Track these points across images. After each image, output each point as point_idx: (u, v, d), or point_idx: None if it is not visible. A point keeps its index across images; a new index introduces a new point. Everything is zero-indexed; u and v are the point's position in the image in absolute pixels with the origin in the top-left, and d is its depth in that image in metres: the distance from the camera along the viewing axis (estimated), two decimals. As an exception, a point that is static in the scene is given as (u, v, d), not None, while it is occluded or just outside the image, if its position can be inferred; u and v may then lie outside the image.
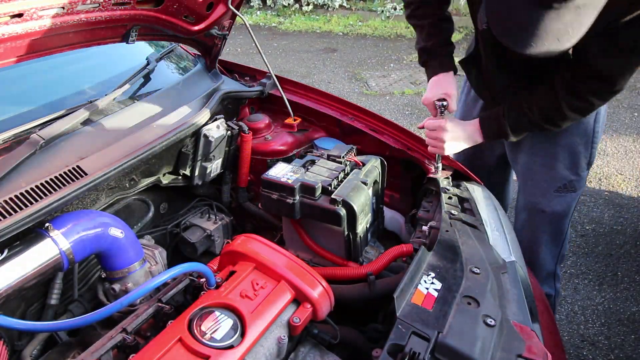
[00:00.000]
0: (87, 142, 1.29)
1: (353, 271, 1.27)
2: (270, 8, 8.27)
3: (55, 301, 1.21)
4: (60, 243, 1.04)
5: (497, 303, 1.03)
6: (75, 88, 1.53)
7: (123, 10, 1.29)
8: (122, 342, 0.93)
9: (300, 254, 1.49)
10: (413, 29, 1.68)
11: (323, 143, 1.87)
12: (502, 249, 1.29)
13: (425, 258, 1.16)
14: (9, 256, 0.99)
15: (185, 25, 1.56)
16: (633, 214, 3.12)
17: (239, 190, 1.84)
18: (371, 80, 5.42)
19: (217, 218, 1.71)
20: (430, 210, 1.52)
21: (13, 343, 1.17)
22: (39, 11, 1.07)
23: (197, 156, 1.60)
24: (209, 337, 0.87)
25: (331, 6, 7.83)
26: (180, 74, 1.78)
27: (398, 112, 4.63)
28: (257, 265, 1.05)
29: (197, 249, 1.63)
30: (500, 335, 0.94)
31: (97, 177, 1.20)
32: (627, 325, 2.35)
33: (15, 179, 1.10)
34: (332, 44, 6.71)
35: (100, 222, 1.14)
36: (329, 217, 1.34)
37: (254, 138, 1.80)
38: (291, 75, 5.33)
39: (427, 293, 1.04)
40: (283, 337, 0.96)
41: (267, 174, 1.41)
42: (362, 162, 1.52)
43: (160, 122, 1.48)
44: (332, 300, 1.06)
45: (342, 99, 1.91)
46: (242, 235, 1.13)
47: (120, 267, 1.18)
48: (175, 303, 1.06)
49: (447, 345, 0.89)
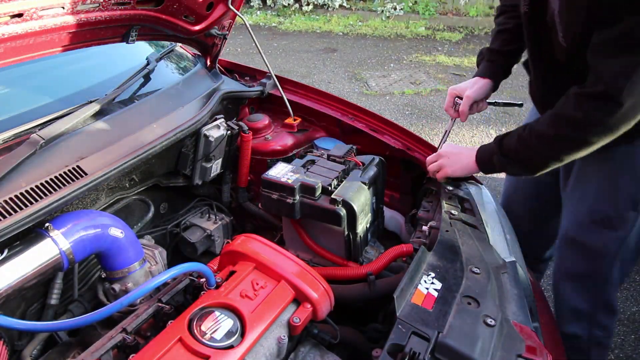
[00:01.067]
0: (87, 142, 1.29)
1: (353, 271, 1.27)
2: (270, 8, 8.26)
3: (55, 301, 1.21)
4: (60, 243, 1.04)
5: (497, 303, 1.03)
6: (75, 88, 1.52)
7: (123, 10, 1.29)
8: (122, 342, 0.93)
9: (300, 254, 1.49)
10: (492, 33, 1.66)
11: (323, 143, 1.87)
12: (502, 249, 1.29)
13: (425, 258, 1.15)
14: (9, 256, 0.99)
15: (185, 25, 1.56)
16: (633, 214, 3.11)
17: (239, 190, 1.84)
18: (371, 80, 5.42)
19: (217, 218, 1.70)
20: (430, 210, 1.52)
21: (13, 343, 1.17)
22: (39, 11, 1.07)
23: (197, 156, 1.60)
24: (209, 337, 0.87)
25: (331, 6, 7.82)
26: (180, 74, 1.78)
27: (398, 112, 4.62)
28: (257, 265, 1.05)
29: (197, 249, 1.63)
30: (500, 335, 0.94)
31: (97, 177, 1.20)
32: (627, 325, 2.35)
33: (15, 179, 1.10)
34: (332, 44, 6.71)
35: (100, 222, 1.14)
36: (329, 217, 1.34)
37: (254, 138, 1.80)
38: (291, 75, 5.33)
39: (427, 293, 1.04)
40: (283, 337, 0.96)
41: (267, 174, 1.41)
42: (362, 162, 1.52)
43: (160, 122, 1.48)
44: (332, 300, 1.06)
45: (342, 99, 1.91)
46: (242, 235, 1.13)
47: (120, 267, 1.17)
48: (175, 303, 1.06)
49: (447, 345, 0.89)
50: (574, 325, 1.64)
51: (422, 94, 5.00)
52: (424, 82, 5.32)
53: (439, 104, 4.77)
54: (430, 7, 7.34)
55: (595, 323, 1.63)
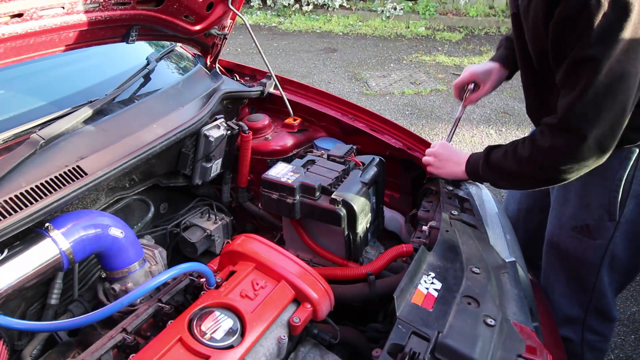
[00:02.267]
0: (87, 142, 1.29)
1: (353, 271, 1.27)
2: (270, 8, 8.26)
3: (55, 301, 1.21)
4: (60, 243, 1.04)
5: (497, 303, 1.03)
6: (75, 88, 1.52)
7: (123, 10, 1.29)
8: (122, 342, 0.93)
9: (300, 254, 1.49)
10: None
11: (323, 143, 1.87)
12: (502, 249, 1.29)
13: (425, 258, 1.15)
14: (9, 256, 0.99)
15: (186, 25, 1.56)
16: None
17: (239, 190, 1.84)
18: (371, 80, 5.42)
19: (217, 218, 1.70)
20: (430, 210, 1.52)
21: (13, 343, 1.17)
22: (39, 11, 1.07)
23: (197, 156, 1.60)
24: (209, 337, 0.87)
25: (331, 6, 7.82)
26: (180, 74, 1.78)
27: (398, 112, 4.62)
28: (257, 265, 1.05)
29: (197, 249, 1.63)
30: (500, 335, 0.94)
31: (97, 177, 1.20)
32: (627, 325, 2.35)
33: (15, 179, 1.10)
34: (332, 44, 6.71)
35: (101, 222, 1.14)
36: (329, 217, 1.34)
37: (254, 138, 1.80)
38: (291, 75, 5.33)
39: (427, 293, 1.04)
40: (283, 337, 0.96)
41: (267, 174, 1.41)
42: (362, 162, 1.52)
43: (160, 122, 1.48)
44: (332, 300, 1.06)
45: (342, 98, 1.91)
46: (242, 235, 1.13)
47: (120, 267, 1.18)
48: (175, 303, 1.06)
49: (447, 345, 0.89)
50: (565, 329, 1.64)
51: (422, 94, 5.00)
52: (424, 82, 5.32)
53: (439, 104, 4.77)
54: (430, 7, 7.34)
55: (587, 328, 1.62)
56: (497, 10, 7.19)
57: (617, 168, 1.36)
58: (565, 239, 1.52)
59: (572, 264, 1.55)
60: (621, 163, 1.35)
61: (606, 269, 1.50)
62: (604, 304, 1.56)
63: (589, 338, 1.63)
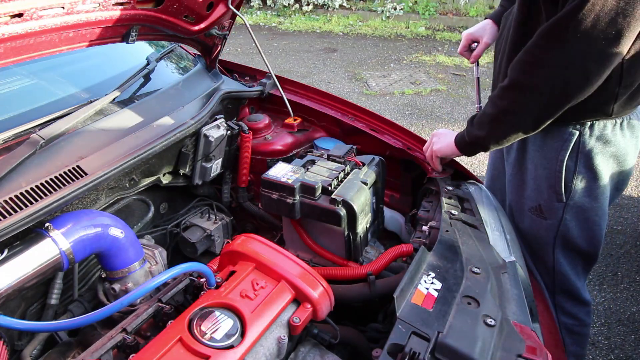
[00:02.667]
0: (87, 142, 1.29)
1: (353, 271, 1.27)
2: (270, 8, 8.26)
3: (55, 301, 1.21)
4: (60, 243, 1.04)
5: (497, 303, 1.03)
6: (75, 88, 1.52)
7: (123, 10, 1.29)
8: (122, 342, 0.93)
9: (300, 254, 1.49)
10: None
11: (323, 143, 1.87)
12: (502, 249, 1.29)
13: (425, 258, 1.15)
14: (9, 256, 0.99)
15: (185, 25, 1.56)
16: (633, 214, 3.12)
17: (239, 190, 1.85)
18: (371, 80, 5.42)
19: (217, 218, 1.71)
20: (430, 210, 1.52)
21: (13, 343, 1.17)
22: (39, 11, 1.07)
23: (197, 156, 1.60)
24: (209, 337, 0.87)
25: (331, 6, 7.82)
26: (180, 74, 1.78)
27: (398, 112, 4.62)
28: (257, 265, 1.05)
29: (197, 249, 1.63)
30: (500, 335, 0.94)
31: (97, 177, 1.20)
32: (627, 325, 2.35)
33: (15, 179, 1.10)
34: (332, 44, 6.71)
35: (100, 222, 1.14)
36: (329, 217, 1.34)
37: (254, 138, 1.80)
38: (291, 75, 5.33)
39: (427, 293, 1.04)
40: (283, 337, 0.96)
41: (267, 174, 1.41)
42: (362, 162, 1.53)
43: (160, 122, 1.48)
44: (332, 300, 1.06)
45: (342, 98, 1.91)
46: (242, 235, 1.13)
47: (120, 267, 1.18)
48: (175, 303, 1.06)
49: (447, 345, 0.89)
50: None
51: (422, 94, 5.00)
52: (424, 82, 5.32)
53: (439, 103, 4.77)
54: (430, 7, 7.34)
55: (560, 310, 1.67)
56: (497, 10, 7.18)
57: (558, 149, 1.42)
58: (524, 219, 1.59)
59: (532, 244, 1.61)
60: (562, 144, 1.41)
61: (560, 250, 1.56)
62: (568, 285, 1.62)
63: (564, 321, 1.69)
